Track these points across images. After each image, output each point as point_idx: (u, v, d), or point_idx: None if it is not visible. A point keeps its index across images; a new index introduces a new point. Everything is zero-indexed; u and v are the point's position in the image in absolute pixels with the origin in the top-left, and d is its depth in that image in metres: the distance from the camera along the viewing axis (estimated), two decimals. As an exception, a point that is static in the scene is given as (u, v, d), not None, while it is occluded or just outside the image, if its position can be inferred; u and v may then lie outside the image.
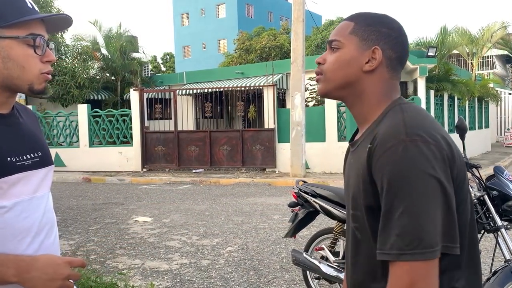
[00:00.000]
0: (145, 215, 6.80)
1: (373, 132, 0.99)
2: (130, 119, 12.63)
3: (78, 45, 17.67)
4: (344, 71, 1.04)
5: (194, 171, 11.87)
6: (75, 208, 7.51)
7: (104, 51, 18.66)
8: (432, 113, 11.67)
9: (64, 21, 1.16)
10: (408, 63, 12.87)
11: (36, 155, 1.15)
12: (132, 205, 7.76)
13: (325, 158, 11.03)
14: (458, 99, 14.67)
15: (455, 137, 2.30)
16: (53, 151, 10.70)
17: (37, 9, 1.10)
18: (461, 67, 20.63)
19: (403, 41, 1.05)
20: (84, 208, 7.56)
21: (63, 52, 17.94)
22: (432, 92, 12.86)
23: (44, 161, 1.18)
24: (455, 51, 16.84)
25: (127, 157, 12.59)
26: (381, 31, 1.03)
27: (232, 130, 13.67)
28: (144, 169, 12.41)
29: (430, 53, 12.57)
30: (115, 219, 6.58)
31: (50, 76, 1.12)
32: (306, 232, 4.97)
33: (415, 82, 13.58)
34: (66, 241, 5.29)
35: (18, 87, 1.08)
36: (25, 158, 1.11)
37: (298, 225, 3.45)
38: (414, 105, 1.03)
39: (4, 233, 1.05)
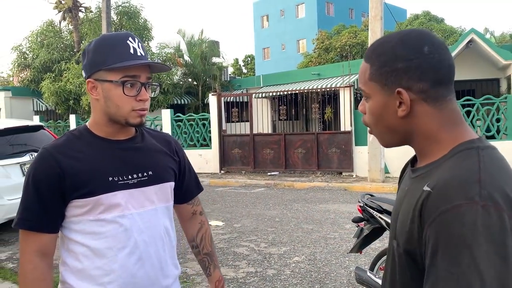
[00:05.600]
0: (218, 219, 6.97)
1: (434, 171, 0.85)
2: (209, 123, 13.06)
3: (163, 53, 18.70)
4: (382, 123, 0.93)
5: (269, 173, 11.94)
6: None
7: (186, 57, 19.58)
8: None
9: (162, 67, 1.35)
10: (499, 58, 11.69)
11: (145, 174, 1.30)
12: (207, 208, 8.00)
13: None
14: None
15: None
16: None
17: (141, 53, 1.25)
18: None
19: (432, 62, 0.85)
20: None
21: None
22: (530, 89, 11.57)
23: (155, 179, 1.32)
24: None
25: (206, 160, 13.05)
26: (398, 69, 0.86)
27: (307, 133, 13.52)
28: (222, 171, 12.76)
29: (528, 46, 11.30)
30: (189, 222, 6.82)
31: (144, 112, 1.27)
32: (374, 246, 4.71)
33: (508, 79, 12.31)
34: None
35: (118, 121, 1.26)
36: (130, 177, 1.27)
37: (363, 241, 3.28)
38: (496, 151, 0.85)
39: (104, 243, 1.23)
